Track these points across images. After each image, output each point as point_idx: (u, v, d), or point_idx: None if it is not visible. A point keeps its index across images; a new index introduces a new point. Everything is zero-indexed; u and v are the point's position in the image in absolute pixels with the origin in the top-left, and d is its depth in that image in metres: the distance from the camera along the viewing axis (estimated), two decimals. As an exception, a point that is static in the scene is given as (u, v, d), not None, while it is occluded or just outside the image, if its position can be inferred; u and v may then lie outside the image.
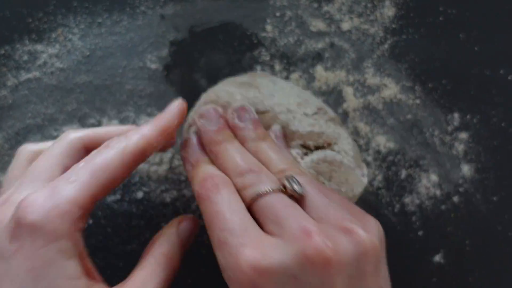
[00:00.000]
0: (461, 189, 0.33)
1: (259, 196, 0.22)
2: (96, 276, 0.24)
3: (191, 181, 0.25)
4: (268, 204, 0.21)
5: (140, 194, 0.33)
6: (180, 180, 0.33)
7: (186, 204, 0.33)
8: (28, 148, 0.26)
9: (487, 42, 0.34)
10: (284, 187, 0.22)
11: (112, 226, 0.33)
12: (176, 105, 0.25)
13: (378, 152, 0.33)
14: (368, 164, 0.33)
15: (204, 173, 0.24)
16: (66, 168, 0.23)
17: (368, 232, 0.20)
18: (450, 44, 0.34)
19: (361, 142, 0.33)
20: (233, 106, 0.26)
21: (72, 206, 0.20)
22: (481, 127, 0.33)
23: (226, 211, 0.21)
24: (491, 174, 0.33)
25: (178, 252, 0.25)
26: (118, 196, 0.33)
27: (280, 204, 0.21)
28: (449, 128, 0.33)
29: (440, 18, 0.34)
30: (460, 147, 0.33)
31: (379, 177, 0.33)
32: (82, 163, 0.22)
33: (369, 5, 0.34)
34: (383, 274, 0.22)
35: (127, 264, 0.33)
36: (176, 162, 0.33)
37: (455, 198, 0.33)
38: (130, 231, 0.33)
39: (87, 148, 0.25)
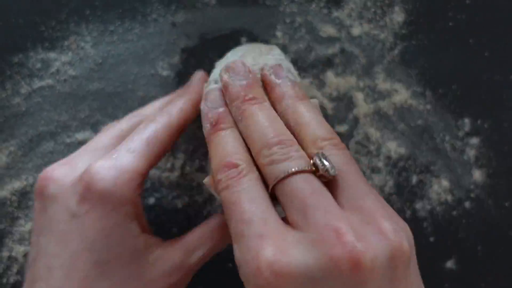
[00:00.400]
0: (472, 195, 0.33)
1: (285, 177, 0.20)
2: (150, 231, 0.27)
3: (210, 155, 0.23)
4: (294, 187, 0.19)
5: (152, 200, 0.34)
6: (191, 186, 0.33)
7: (198, 210, 0.33)
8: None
9: (497, 47, 0.34)
10: (316, 166, 0.20)
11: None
12: (199, 76, 0.29)
13: (389, 157, 0.33)
14: (378, 170, 0.33)
15: (225, 153, 0.22)
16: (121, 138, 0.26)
17: (401, 234, 0.19)
18: (460, 50, 0.34)
19: (372, 147, 0.33)
20: (268, 64, 0.25)
21: (134, 174, 0.23)
22: (492, 132, 0.33)
23: (245, 201, 0.20)
24: (503, 179, 0.33)
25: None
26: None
27: (308, 189, 0.19)
28: (460, 134, 0.34)
29: (450, 24, 0.34)
30: (471, 153, 0.33)
31: (390, 183, 0.33)
32: (136, 136, 0.25)
33: (379, 11, 0.34)
34: (413, 280, 0.20)
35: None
36: (188, 168, 0.33)
37: (467, 204, 0.33)
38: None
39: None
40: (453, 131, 0.34)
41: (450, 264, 0.33)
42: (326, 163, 0.19)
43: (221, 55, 0.31)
